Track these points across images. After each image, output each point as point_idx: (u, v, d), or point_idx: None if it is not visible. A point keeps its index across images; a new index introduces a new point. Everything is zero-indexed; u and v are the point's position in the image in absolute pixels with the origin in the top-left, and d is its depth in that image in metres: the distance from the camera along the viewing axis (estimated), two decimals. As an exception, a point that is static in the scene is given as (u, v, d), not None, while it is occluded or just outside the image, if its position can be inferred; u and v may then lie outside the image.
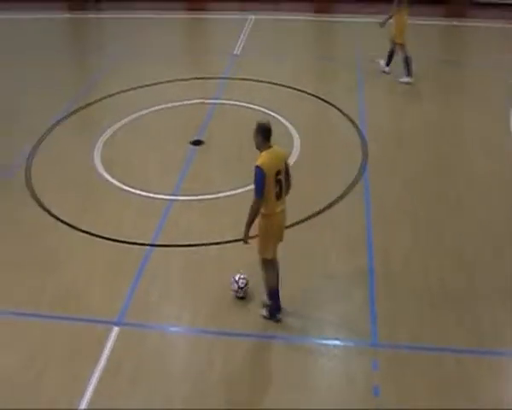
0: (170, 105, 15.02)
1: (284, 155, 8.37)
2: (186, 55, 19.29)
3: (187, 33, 21.83)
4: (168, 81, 16.34)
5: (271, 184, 8.04)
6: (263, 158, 8.02)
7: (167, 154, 12.97)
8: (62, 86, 16.48)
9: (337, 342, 8.44)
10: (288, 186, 8.42)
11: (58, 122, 14.32)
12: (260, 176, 7.96)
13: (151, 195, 11.50)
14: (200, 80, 16.59)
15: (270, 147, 8.11)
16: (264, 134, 8.07)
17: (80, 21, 22.55)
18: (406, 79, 15.88)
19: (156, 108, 14.88)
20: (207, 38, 21.37)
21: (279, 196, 8.18)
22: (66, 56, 19.42)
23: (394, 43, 15.96)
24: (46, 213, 11.10)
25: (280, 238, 8.55)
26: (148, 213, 11.04)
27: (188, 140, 13.33)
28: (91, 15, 22.79)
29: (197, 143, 13.27)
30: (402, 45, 15.79)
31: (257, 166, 7.98)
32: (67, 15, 22.87)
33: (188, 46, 20.56)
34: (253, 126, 8.09)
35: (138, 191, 11.61)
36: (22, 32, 20.90)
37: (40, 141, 13.51)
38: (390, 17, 15.89)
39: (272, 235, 8.38)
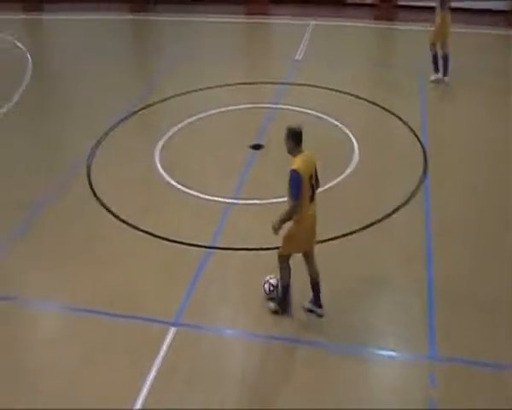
0: (228, 108, 15.05)
1: (314, 160, 8.39)
2: (246, 60, 19.29)
3: (247, 37, 21.86)
4: (227, 85, 16.39)
5: (306, 188, 8.12)
6: (298, 162, 8.08)
7: (227, 157, 13.00)
8: (123, 87, 16.66)
9: (393, 353, 8.35)
10: (316, 187, 8.48)
11: (118, 123, 14.49)
12: (297, 179, 8.02)
13: (211, 197, 11.54)
14: (260, 84, 16.61)
15: (301, 151, 8.16)
16: (295, 139, 8.12)
17: (141, 23, 22.77)
18: (443, 77, 16.07)
19: (215, 111, 14.92)
20: (268, 42, 21.33)
21: (311, 199, 8.25)
22: (128, 57, 19.76)
23: (442, 49, 15.96)
24: (107, 212, 11.25)
25: (311, 242, 8.59)
26: (207, 216, 11.08)
27: (247, 144, 13.35)
28: (152, 17, 23.01)
29: (257, 147, 13.28)
30: (434, 45, 15.94)
31: (293, 170, 8.03)
32: (129, 17, 23.16)
33: (248, 50, 20.58)
34: (313, 131, 8.12)
35: (198, 194, 11.66)
36: (87, 31, 21.28)
37: (101, 141, 13.69)
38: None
39: (299, 238, 8.43)
